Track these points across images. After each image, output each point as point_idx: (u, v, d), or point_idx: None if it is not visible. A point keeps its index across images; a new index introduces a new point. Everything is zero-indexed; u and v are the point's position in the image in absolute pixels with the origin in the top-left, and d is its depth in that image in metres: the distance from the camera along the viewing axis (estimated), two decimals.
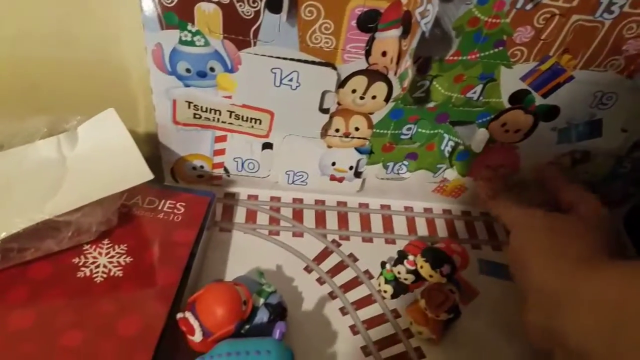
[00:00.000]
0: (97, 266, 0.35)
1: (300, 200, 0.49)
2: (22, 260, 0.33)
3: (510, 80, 0.40)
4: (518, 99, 0.41)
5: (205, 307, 0.33)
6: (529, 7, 0.35)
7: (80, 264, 0.34)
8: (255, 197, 0.49)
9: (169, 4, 0.34)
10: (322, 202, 0.49)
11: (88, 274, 0.34)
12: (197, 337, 0.32)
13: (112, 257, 0.35)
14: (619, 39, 0.38)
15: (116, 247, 0.36)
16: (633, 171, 0.49)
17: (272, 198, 0.49)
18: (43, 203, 0.34)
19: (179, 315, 0.33)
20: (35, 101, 0.43)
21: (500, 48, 0.38)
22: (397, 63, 0.37)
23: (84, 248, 0.35)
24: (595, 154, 0.47)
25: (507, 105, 0.42)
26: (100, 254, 0.35)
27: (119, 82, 0.43)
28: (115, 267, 0.35)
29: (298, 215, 0.48)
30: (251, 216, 0.47)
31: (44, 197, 0.35)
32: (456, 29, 0.36)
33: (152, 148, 0.45)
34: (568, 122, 0.44)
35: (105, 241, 0.36)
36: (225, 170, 0.47)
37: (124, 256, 0.36)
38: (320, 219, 0.48)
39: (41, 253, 0.33)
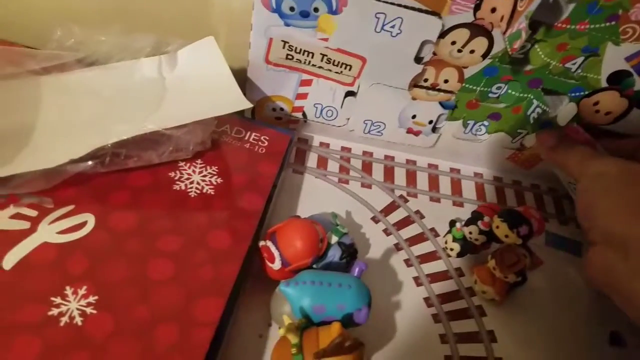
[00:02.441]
0: (192, 182, 0.36)
1: (370, 154, 0.50)
2: (125, 167, 0.34)
3: (615, 58, 0.39)
4: (617, 79, 0.41)
5: (286, 239, 0.34)
6: None
7: (176, 178, 0.36)
8: (327, 145, 0.50)
9: None
10: (392, 158, 0.50)
11: (183, 187, 0.35)
12: (277, 265, 0.34)
13: (205, 176, 0.37)
14: None
15: (208, 167, 0.37)
16: None
17: (343, 148, 0.50)
18: (148, 116, 0.35)
19: (261, 243, 0.34)
20: (136, 18, 0.44)
21: (613, 22, 0.37)
22: (508, 22, 0.37)
23: (180, 164, 0.37)
24: None
25: (604, 84, 0.41)
26: (194, 171, 0.37)
27: (215, 14, 0.44)
28: (207, 185, 0.36)
29: (367, 168, 0.49)
30: (322, 162, 0.48)
31: (148, 111, 0.36)
32: None
33: None
34: None
35: (199, 161, 0.38)
36: (304, 114, 0.47)
37: (215, 177, 0.37)
38: (389, 174, 0.49)
39: (143, 163, 0.35)
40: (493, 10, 0.37)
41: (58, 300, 0.28)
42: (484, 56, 0.40)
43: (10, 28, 0.42)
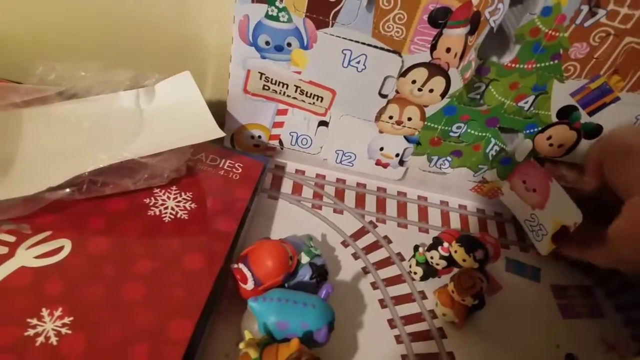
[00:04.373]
0: (166, 208, 0.38)
1: (344, 181, 0.52)
2: (102, 194, 0.36)
3: (561, 94, 0.43)
4: (565, 114, 0.44)
5: (257, 260, 0.36)
6: (587, 23, 0.38)
7: (151, 204, 0.38)
8: (303, 172, 0.52)
9: None
10: (364, 186, 0.53)
11: (157, 213, 0.37)
12: (249, 285, 0.36)
13: (179, 201, 0.39)
14: None
15: (183, 193, 0.40)
16: None
17: (318, 175, 0.52)
18: (125, 145, 0.38)
19: (234, 266, 0.36)
20: (116, 52, 0.47)
21: (556, 61, 0.40)
22: (461, 58, 0.40)
23: (155, 191, 0.39)
24: None
25: (555, 119, 0.44)
26: (168, 197, 0.39)
27: (195, 48, 0.47)
28: (181, 210, 0.38)
29: (340, 194, 0.51)
30: (297, 188, 0.50)
31: (125, 140, 0.39)
32: (517, 37, 0.39)
33: (214, 115, 0.48)
34: None
35: (174, 187, 0.40)
36: (280, 142, 0.50)
37: (190, 202, 0.39)
38: (360, 201, 0.51)
39: (119, 189, 0.37)
40: (448, 50, 0.40)
41: (34, 321, 0.29)
42: (443, 95, 0.43)
43: None
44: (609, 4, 0.37)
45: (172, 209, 0.38)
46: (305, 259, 0.38)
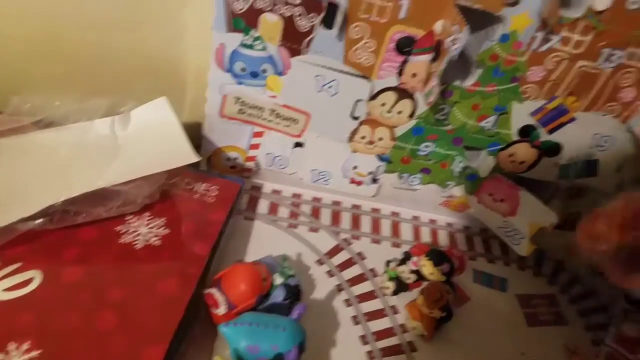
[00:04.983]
0: (138, 234, 0.39)
1: (319, 200, 0.54)
2: (74, 223, 0.37)
3: (521, 114, 0.45)
4: (526, 132, 0.47)
5: (230, 283, 0.37)
6: (542, 48, 0.40)
7: (123, 231, 0.39)
8: (279, 192, 0.53)
9: (239, 10, 0.39)
10: (338, 203, 0.54)
11: (129, 240, 0.38)
12: (222, 310, 0.36)
13: (152, 227, 0.40)
14: (616, 87, 0.43)
15: (156, 219, 0.40)
16: None
17: (294, 194, 0.53)
18: (98, 173, 0.38)
19: (205, 291, 0.37)
20: (97, 79, 0.47)
21: (515, 84, 0.43)
22: (426, 82, 0.42)
23: (127, 218, 0.39)
24: (590, 190, 0.52)
25: (516, 138, 0.47)
26: (141, 224, 0.39)
27: (173, 74, 0.48)
28: (154, 236, 0.39)
29: (316, 212, 0.52)
30: (273, 209, 0.51)
31: (99, 168, 0.39)
32: (478, 62, 0.41)
33: (191, 137, 0.49)
34: (569, 160, 0.49)
35: (147, 213, 0.40)
36: (257, 164, 0.51)
37: (163, 228, 0.40)
38: (336, 218, 0.52)
39: (91, 218, 0.37)
40: (414, 75, 0.42)
41: (1, 356, 0.29)
42: (411, 116, 0.45)
43: None
44: (562, 31, 0.40)
45: (145, 235, 0.39)
46: (279, 280, 0.39)
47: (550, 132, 0.46)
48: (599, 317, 0.50)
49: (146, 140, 0.43)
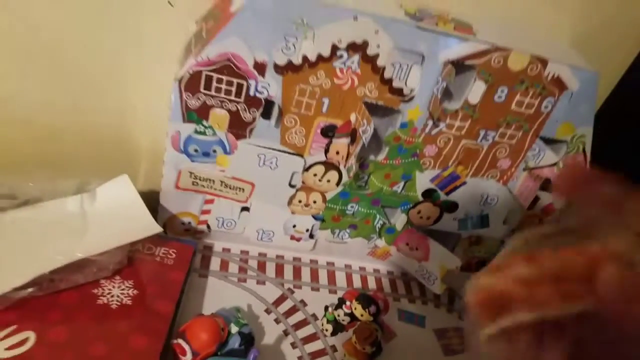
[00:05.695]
0: (112, 296, 0.45)
1: (265, 254, 0.62)
2: (57, 289, 0.43)
3: (423, 181, 0.57)
4: (429, 194, 0.58)
5: (193, 334, 0.44)
6: (433, 132, 0.53)
7: (99, 293, 0.45)
8: (228, 249, 0.61)
9: (192, 106, 0.48)
10: (282, 257, 0.62)
11: (105, 301, 0.44)
12: (188, 357, 0.43)
13: (123, 289, 0.46)
14: (494, 158, 0.56)
15: (125, 282, 0.47)
16: None
17: (242, 251, 0.61)
18: (75, 245, 0.45)
19: (174, 342, 0.44)
20: (61, 160, 0.54)
21: (415, 158, 0.55)
22: (346, 160, 0.53)
23: (101, 282, 0.46)
24: (485, 238, 0.64)
25: (421, 198, 0.59)
26: (113, 287, 0.46)
27: (129, 154, 0.56)
28: (125, 297, 0.45)
29: (262, 266, 0.60)
30: (224, 265, 0.59)
31: (74, 240, 0.45)
32: (386, 142, 0.53)
33: (146, 203, 0.56)
34: (465, 215, 0.61)
35: (117, 277, 0.47)
36: (208, 226, 0.59)
37: (132, 289, 0.46)
38: (280, 270, 0.61)
39: (71, 284, 0.44)
40: (337, 152, 0.53)
41: None
42: (337, 184, 0.56)
43: None
44: (447, 119, 0.52)
45: (118, 296, 0.45)
46: (234, 329, 0.47)
47: (448, 193, 0.58)
48: None
49: (113, 214, 0.50)
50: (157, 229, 0.49)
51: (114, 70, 0.53)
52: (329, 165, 0.54)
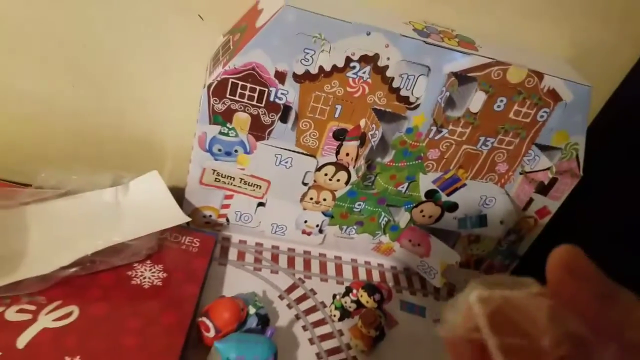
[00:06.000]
0: (144, 277, 0.50)
1: (277, 247, 0.67)
2: (96, 270, 0.48)
3: (426, 182, 0.62)
4: (431, 195, 0.63)
5: (216, 312, 0.49)
6: (437, 137, 0.58)
7: (133, 275, 0.50)
8: (245, 241, 0.66)
9: (218, 109, 0.53)
10: (293, 250, 0.68)
11: (138, 282, 0.50)
12: (212, 333, 0.48)
13: (154, 272, 0.51)
14: (493, 162, 0.61)
15: (156, 266, 0.52)
16: (508, 249, 0.71)
17: (257, 243, 0.66)
18: (112, 231, 0.50)
19: (199, 319, 0.49)
20: (99, 158, 0.60)
21: (419, 161, 0.60)
22: (355, 161, 0.58)
23: (135, 265, 0.51)
24: (483, 237, 0.69)
25: (424, 199, 0.63)
26: (145, 269, 0.51)
27: (157, 152, 0.61)
28: (156, 279, 0.51)
29: (275, 258, 0.65)
30: (241, 256, 0.64)
31: (110, 227, 0.51)
32: (392, 146, 0.58)
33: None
34: (464, 215, 0.65)
35: (149, 262, 0.52)
36: (227, 219, 0.64)
37: (162, 272, 0.52)
38: (291, 262, 0.66)
39: (108, 266, 0.49)
40: (347, 154, 0.58)
41: None
42: (346, 183, 0.61)
43: None
44: (449, 126, 0.57)
45: (149, 278, 0.50)
46: (252, 310, 0.52)
47: (449, 194, 0.63)
48: None
49: (144, 205, 0.55)
50: (184, 218, 0.54)
51: (146, 78, 0.59)
52: (339, 166, 0.59)
